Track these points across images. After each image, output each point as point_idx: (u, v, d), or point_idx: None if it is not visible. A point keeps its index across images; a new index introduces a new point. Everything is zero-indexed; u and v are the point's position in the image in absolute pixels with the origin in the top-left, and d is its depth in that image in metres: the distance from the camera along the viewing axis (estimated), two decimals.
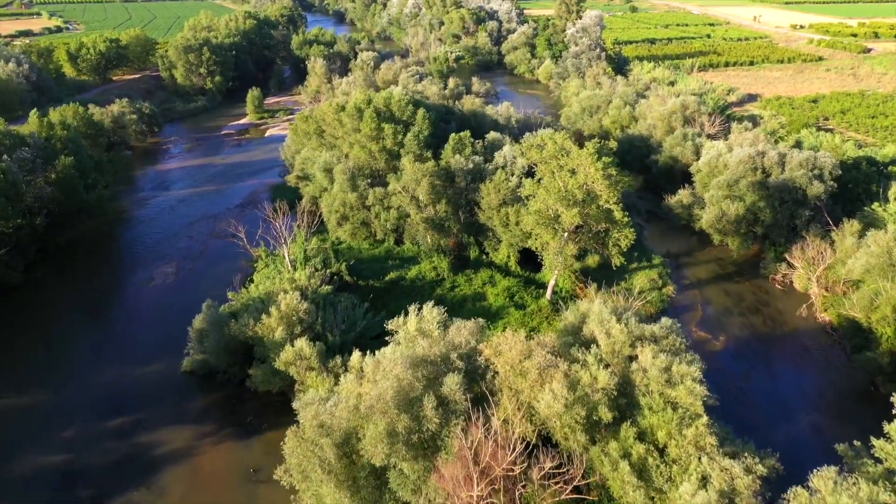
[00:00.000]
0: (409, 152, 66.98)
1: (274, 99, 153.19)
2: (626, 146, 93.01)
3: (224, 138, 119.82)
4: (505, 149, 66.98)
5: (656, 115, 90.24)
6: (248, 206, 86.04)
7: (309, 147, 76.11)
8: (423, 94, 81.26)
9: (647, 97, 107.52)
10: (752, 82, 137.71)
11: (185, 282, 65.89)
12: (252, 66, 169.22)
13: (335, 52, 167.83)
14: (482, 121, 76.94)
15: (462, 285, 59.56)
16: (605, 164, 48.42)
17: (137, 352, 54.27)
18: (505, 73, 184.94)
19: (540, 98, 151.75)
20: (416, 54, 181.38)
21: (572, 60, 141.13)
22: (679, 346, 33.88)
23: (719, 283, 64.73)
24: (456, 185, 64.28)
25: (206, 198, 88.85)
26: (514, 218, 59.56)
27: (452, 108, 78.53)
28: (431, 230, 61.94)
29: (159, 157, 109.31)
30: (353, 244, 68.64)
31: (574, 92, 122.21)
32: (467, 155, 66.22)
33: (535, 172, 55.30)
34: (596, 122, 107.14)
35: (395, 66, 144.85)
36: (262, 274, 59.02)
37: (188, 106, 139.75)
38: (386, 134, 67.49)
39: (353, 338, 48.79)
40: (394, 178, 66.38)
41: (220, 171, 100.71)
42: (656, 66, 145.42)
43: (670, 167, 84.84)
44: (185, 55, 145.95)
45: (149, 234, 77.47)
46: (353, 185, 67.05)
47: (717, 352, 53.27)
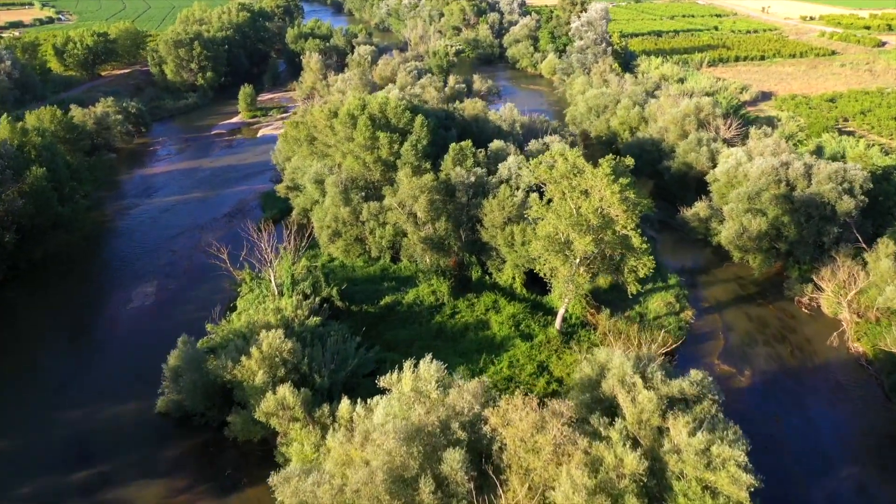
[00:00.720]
0: (406, 163, 62.12)
1: (268, 95, 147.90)
2: (637, 151, 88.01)
3: (214, 139, 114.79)
4: (509, 160, 62.12)
5: (668, 118, 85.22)
6: (237, 215, 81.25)
7: (300, 155, 71.23)
8: (421, 97, 76.28)
9: (657, 97, 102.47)
10: (764, 78, 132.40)
11: (165, 304, 61.19)
12: (245, 61, 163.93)
13: (331, 45, 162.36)
14: (484, 127, 72.02)
15: (463, 311, 54.88)
16: (621, 186, 43.60)
17: (109, 386, 49.67)
18: (507, 67, 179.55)
19: (543, 94, 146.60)
20: (416, 48, 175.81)
21: (577, 56, 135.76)
22: (716, 414, 29.23)
23: (740, 305, 60.04)
24: (457, 199, 59.47)
25: (191, 206, 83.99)
26: (519, 238, 54.80)
27: (453, 114, 73.61)
28: (430, 250, 57.21)
29: (146, 159, 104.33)
30: (347, 261, 63.95)
31: (580, 90, 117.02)
32: (469, 167, 61.37)
33: (543, 188, 50.41)
34: (603, 123, 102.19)
35: (394, 61, 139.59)
36: (246, 299, 54.32)
37: (178, 103, 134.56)
38: (381, 143, 62.61)
39: (343, 377, 44.23)
40: (390, 191, 61.59)
41: (209, 175, 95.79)
42: (664, 61, 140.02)
43: (684, 174, 79.95)
44: (175, 50, 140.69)
45: (129, 249, 72.69)
46: (346, 198, 62.26)
47: (743, 389, 48.65)
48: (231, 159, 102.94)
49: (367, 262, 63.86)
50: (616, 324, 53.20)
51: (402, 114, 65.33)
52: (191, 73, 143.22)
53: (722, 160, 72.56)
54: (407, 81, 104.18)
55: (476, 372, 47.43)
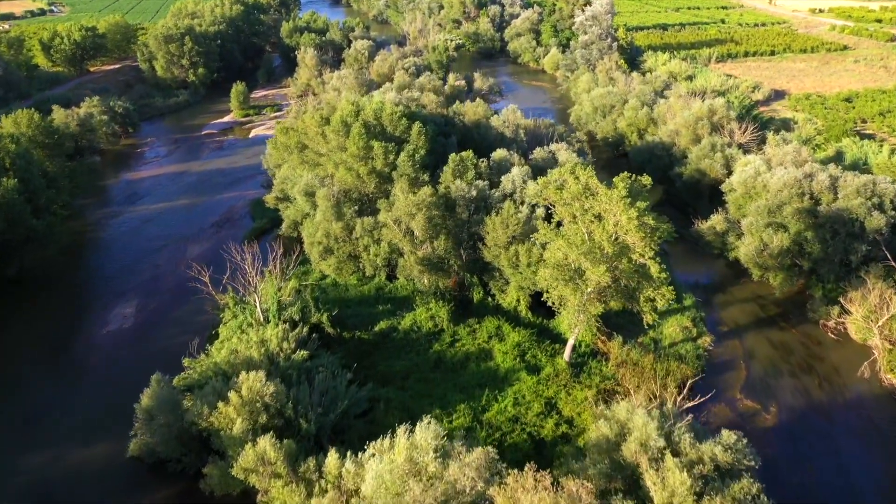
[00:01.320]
0: (402, 175, 57.85)
1: (262, 92, 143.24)
2: (646, 155, 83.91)
3: (205, 139, 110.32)
4: (513, 171, 57.85)
5: (680, 121, 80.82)
6: (225, 225, 77.10)
7: (290, 164, 66.93)
8: (419, 101, 71.91)
9: (667, 97, 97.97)
10: (774, 75, 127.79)
11: (144, 327, 57.13)
12: (239, 56, 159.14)
13: (327, 40, 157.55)
14: (486, 134, 67.67)
15: (464, 339, 50.79)
16: (639, 210, 39.39)
17: (78, 426, 45.70)
18: (508, 62, 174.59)
19: (546, 91, 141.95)
20: (414, 42, 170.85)
21: (581, 51, 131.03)
22: (757, 495, 25.22)
23: (761, 329, 55.93)
24: (457, 215, 55.26)
25: (178, 214, 79.75)
26: (525, 259, 50.64)
27: (452, 119, 69.19)
28: (428, 271, 53.08)
29: (132, 162, 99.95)
30: (339, 280, 59.85)
31: (585, 88, 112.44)
32: (470, 180, 57.12)
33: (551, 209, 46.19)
34: (610, 124, 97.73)
35: (391, 57, 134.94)
36: (229, 326, 50.20)
37: (168, 101, 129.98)
38: (376, 153, 58.32)
39: (333, 419, 40.24)
40: (385, 204, 57.36)
41: (198, 180, 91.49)
42: (671, 57, 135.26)
43: (696, 181, 75.68)
44: (165, 45, 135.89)
45: (109, 263, 68.58)
46: (339, 213, 58.05)
47: (769, 429, 44.64)
48: (221, 162, 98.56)
49: (361, 280, 59.77)
50: (629, 353, 49.17)
51: (398, 121, 61.01)
52: (182, 69, 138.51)
53: (738, 168, 68.26)
54: (405, 81, 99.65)
55: (478, 411, 43.45)
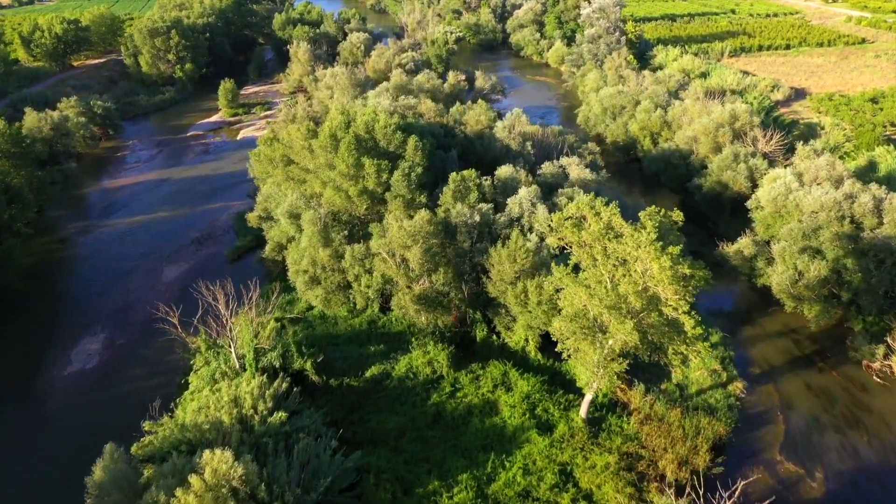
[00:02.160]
0: (396, 196, 51.88)
1: (252, 88, 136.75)
2: (662, 164, 77.89)
3: (190, 141, 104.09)
4: (521, 193, 51.85)
5: (699, 127, 74.64)
6: (206, 241, 71.19)
7: (274, 179, 60.89)
8: (415, 109, 65.73)
9: (681, 98, 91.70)
10: (791, 71, 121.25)
11: (109, 368, 51.40)
12: (229, 50, 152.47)
13: (321, 33, 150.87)
14: (490, 146, 61.55)
15: (466, 387, 45.00)
16: (672, 257, 33.46)
17: (28, 495, 40.07)
18: (510, 55, 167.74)
19: (550, 87, 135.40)
20: (413, 34, 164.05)
21: (588, 46, 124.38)
22: None
23: (797, 370, 50.16)
24: (458, 243, 49.33)
25: (157, 228, 73.79)
26: (534, 296, 44.78)
27: (453, 130, 63.04)
28: (426, 309, 47.19)
29: (111, 168, 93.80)
30: (327, 311, 54.06)
31: (593, 87, 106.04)
32: (472, 202, 51.16)
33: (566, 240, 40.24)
34: (620, 127, 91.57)
35: (388, 52, 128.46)
36: (200, 376, 44.41)
37: (154, 99, 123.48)
38: (367, 172, 52.29)
39: (315, 499, 34.57)
40: (377, 230, 51.39)
41: (180, 188, 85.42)
42: (682, 51, 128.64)
43: (717, 195, 69.71)
44: (150, 39, 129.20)
45: (77, 288, 62.78)
46: (326, 238, 52.10)
47: (815, 500, 38.99)
48: (206, 168, 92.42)
49: (352, 312, 53.96)
50: (653, 405, 43.46)
51: (392, 135, 54.90)
52: (168, 64, 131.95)
53: (766, 184, 62.26)
54: (402, 81, 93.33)
55: (482, 481, 37.78)
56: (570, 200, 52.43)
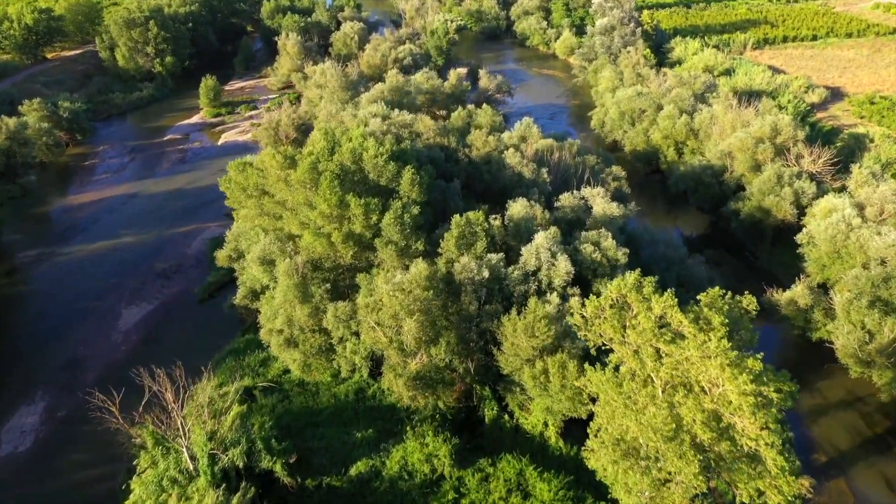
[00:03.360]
0: (388, 243, 43.13)
1: (238, 83, 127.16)
2: (691, 182, 68.91)
3: (167, 147, 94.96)
4: (538, 239, 43.03)
5: (735, 143, 65.57)
6: (175, 274, 62.60)
7: (247, 212, 51.97)
8: (412, 127, 56.59)
9: (708, 101, 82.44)
10: (822, 66, 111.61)
11: (46, 452, 43.04)
12: (215, 40, 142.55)
13: (313, 22, 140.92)
14: (499, 173, 52.54)
15: (473, 492, 36.62)
16: (753, 373, 24.87)
17: None
18: (515, 44, 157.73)
19: (559, 82, 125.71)
20: (411, 23, 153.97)
21: (600, 38, 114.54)
22: None
23: (870, 456, 41.83)
24: (462, 304, 40.69)
25: (119, 258, 65.13)
26: (557, 380, 36.27)
27: (455, 153, 53.88)
28: (422, 392, 38.62)
29: (77, 180, 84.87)
30: (307, 378, 45.63)
31: (608, 87, 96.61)
32: (479, 252, 42.43)
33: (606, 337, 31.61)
34: (640, 134, 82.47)
35: (384, 44, 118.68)
36: (145, 481, 35.90)
37: (130, 97, 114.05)
38: (353, 213, 43.51)
39: None
40: (366, 282, 42.91)
41: (151, 205, 76.58)
42: (703, 44, 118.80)
43: (758, 221, 60.92)
44: (126, 31, 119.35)
45: (22, 336, 54.36)
46: (304, 293, 43.47)
47: None
48: (181, 180, 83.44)
49: (336, 377, 45.53)
50: None
51: (384, 166, 45.96)
52: (147, 58, 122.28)
53: (818, 214, 53.52)
54: (398, 82, 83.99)
55: None
56: (597, 248, 43.82)
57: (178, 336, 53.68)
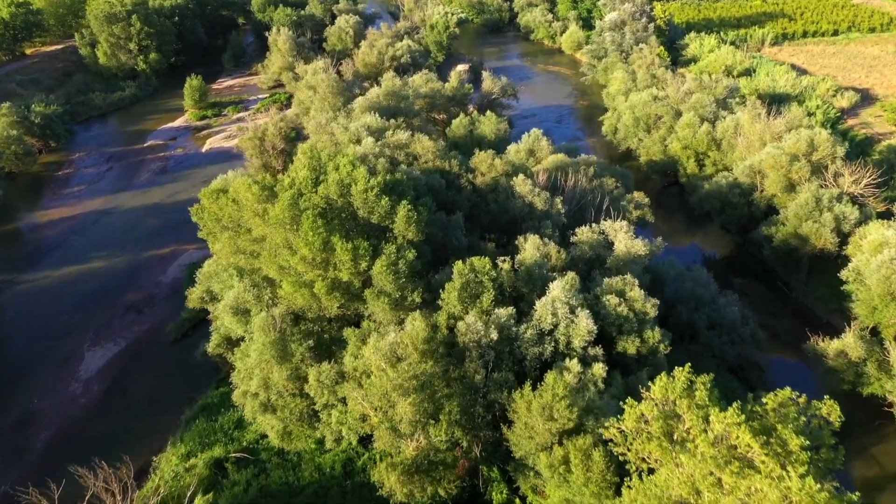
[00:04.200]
0: (379, 294, 37.06)
1: (227, 81, 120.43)
2: (716, 202, 62.62)
3: (147, 154, 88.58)
4: (553, 291, 36.90)
5: (767, 160, 59.22)
6: (147, 307, 56.60)
7: (221, 246, 45.75)
8: (409, 149, 50.07)
9: (732, 108, 75.99)
10: (846, 64, 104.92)
11: None
12: (203, 35, 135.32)
13: (306, 15, 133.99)
14: (507, 203, 46.19)
15: None
16: None
17: None
18: (518, 38, 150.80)
19: (566, 79, 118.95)
20: (409, 15, 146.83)
21: (610, 34, 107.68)
22: None
23: None
24: (466, 370, 34.67)
25: (86, 287, 59.10)
26: (580, 472, 30.30)
27: (457, 179, 47.41)
28: (419, 484, 32.66)
29: (48, 193, 78.57)
30: (287, 447, 39.73)
31: (620, 89, 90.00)
32: (486, 307, 36.34)
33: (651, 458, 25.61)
34: (656, 143, 76.12)
35: (381, 41, 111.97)
36: None
37: (112, 97, 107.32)
38: (339, 258, 37.36)
39: None
40: (354, 338, 37.03)
41: (126, 222, 70.42)
42: (719, 41, 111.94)
43: (793, 249, 54.79)
44: (107, 26, 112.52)
45: None
46: (283, 352, 37.48)
47: None
48: (161, 193, 77.19)
49: (321, 446, 39.65)
50: None
51: (376, 201, 39.74)
52: (130, 55, 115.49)
53: (867, 248, 47.42)
54: (394, 85, 77.49)
55: None
56: (622, 299, 37.75)
57: (145, 385, 47.81)
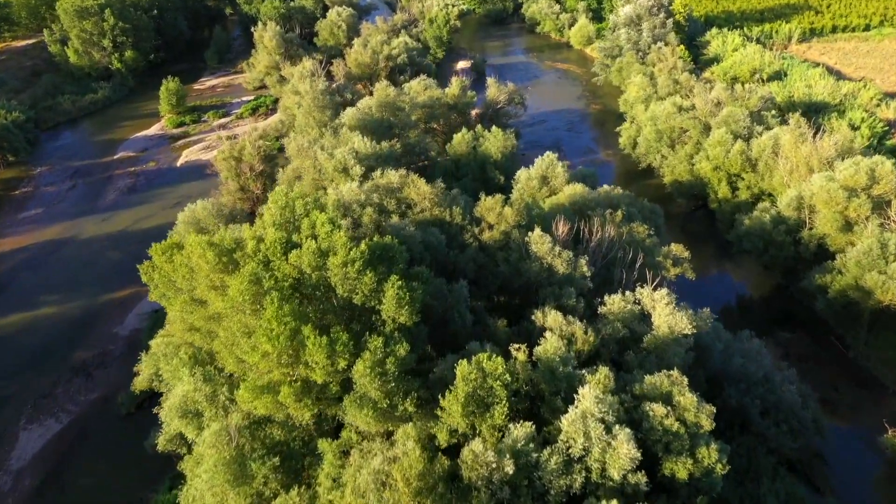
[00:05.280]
0: (363, 402, 29.08)
1: (210, 80, 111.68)
2: (759, 241, 54.36)
3: (116, 169, 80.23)
4: (583, 401, 28.82)
5: (820, 194, 50.85)
6: (99, 370, 48.78)
7: (174, 316, 37.64)
8: (402, 195, 41.49)
9: (768, 122, 67.61)
10: (881, 65, 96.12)
11: None
12: (186, 28, 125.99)
13: (296, 7, 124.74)
14: (521, 266, 37.71)
15: None
16: None
17: None
18: (523, 30, 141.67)
19: (575, 78, 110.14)
20: (408, 6, 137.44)
21: (626, 32, 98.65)
22: None
23: None
24: None
25: (30, 341, 51.16)
26: None
27: (460, 235, 39.05)
28: None
29: (2, 216, 70.31)
30: None
31: (638, 96, 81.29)
32: (498, 422, 28.39)
33: None
34: (682, 162, 67.95)
35: (375, 38, 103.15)
36: None
37: (83, 100, 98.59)
38: (311, 355, 29.26)
39: None
40: (331, 453, 29.20)
41: (85, 255, 62.39)
42: (744, 38, 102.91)
43: (853, 302, 46.74)
44: (78, 22, 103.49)
45: None
46: (241, 473, 29.61)
47: None
48: (126, 218, 68.97)
49: None
50: None
51: (357, 277, 31.51)
52: (103, 52, 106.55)
53: None
54: (388, 96, 68.97)
55: None
56: (669, 407, 29.81)
57: (89, 477, 40.11)
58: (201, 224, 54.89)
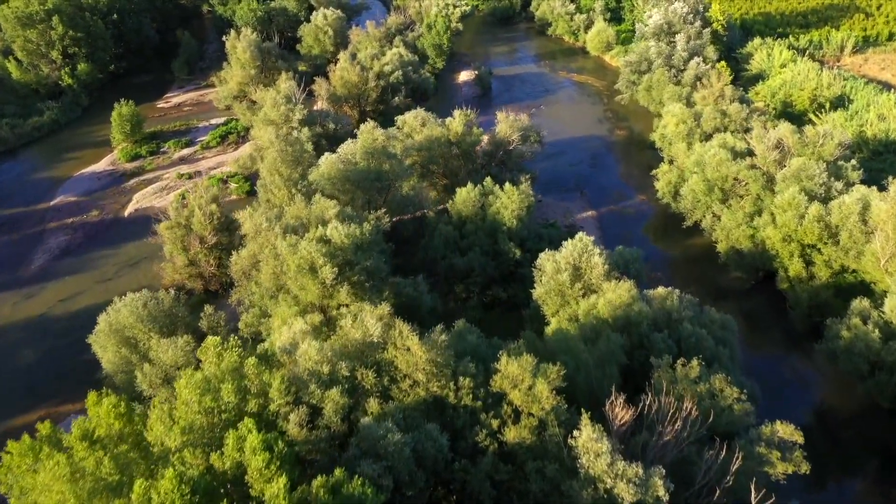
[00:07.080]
0: None
1: (177, 97, 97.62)
2: (863, 361, 40.95)
3: (51, 220, 66.75)
4: None
5: None
6: None
7: None
8: (381, 353, 28.39)
9: (847, 175, 54.16)
10: None
11: None
12: (153, 33, 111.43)
13: (278, 9, 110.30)
14: (562, 486, 24.80)
15: None
16: None
17: None
18: (532, 31, 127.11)
19: (594, 93, 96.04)
20: (404, 6, 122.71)
21: (656, 46, 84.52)
22: None
23: None
24: None
25: None
26: None
27: (471, 428, 25.93)
28: None
29: None
30: None
31: (679, 133, 67.26)
32: None
33: None
34: (740, 224, 54.61)
35: (365, 49, 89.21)
36: None
37: (24, 125, 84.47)
38: None
39: None
40: None
41: None
42: (793, 52, 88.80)
43: None
44: (22, 31, 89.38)
45: None
46: None
47: None
48: (53, 294, 55.58)
49: None
50: None
51: None
52: (53, 65, 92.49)
53: None
54: (375, 141, 55.51)
55: None
56: None
57: None
58: (126, 333, 42.05)
